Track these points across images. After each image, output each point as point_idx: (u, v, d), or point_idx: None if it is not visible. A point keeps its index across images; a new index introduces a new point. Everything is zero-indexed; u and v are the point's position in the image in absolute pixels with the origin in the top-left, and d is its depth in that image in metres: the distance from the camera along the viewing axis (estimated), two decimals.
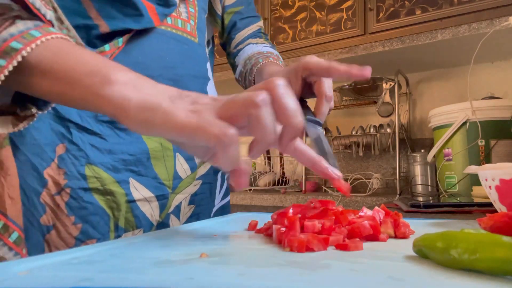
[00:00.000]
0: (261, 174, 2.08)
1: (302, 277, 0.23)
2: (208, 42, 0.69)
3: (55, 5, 0.41)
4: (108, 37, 0.49)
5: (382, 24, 1.73)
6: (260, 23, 0.81)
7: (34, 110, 0.40)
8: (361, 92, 2.04)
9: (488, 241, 0.23)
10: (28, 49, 0.33)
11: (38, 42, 0.34)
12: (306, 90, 0.50)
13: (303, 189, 1.97)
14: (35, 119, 0.41)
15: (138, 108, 0.31)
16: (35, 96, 0.38)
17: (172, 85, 0.52)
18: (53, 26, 0.40)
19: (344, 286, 0.21)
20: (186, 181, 0.59)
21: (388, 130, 1.83)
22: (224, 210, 0.70)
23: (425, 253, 0.28)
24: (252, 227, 0.45)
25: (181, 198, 0.59)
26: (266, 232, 0.40)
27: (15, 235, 0.44)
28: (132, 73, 0.34)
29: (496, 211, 0.55)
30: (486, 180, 0.52)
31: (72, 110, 0.47)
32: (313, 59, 0.49)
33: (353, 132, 1.93)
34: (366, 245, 0.34)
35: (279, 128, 0.33)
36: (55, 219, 0.46)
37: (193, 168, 0.60)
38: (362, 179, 1.90)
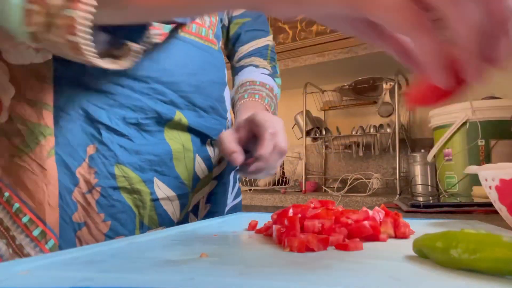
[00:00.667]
0: None
1: (302, 277, 0.23)
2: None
3: None
4: (127, 32, 0.48)
5: None
6: (269, 38, 0.79)
7: (130, 44, 0.42)
8: (361, 92, 2.03)
9: (488, 241, 0.23)
10: None
11: None
12: (253, 145, 0.54)
13: (303, 189, 1.97)
14: (132, 54, 0.43)
15: None
16: (135, 20, 0.38)
17: (194, 91, 0.54)
18: None
19: (344, 286, 0.21)
20: (204, 181, 0.61)
21: (388, 130, 1.83)
22: (236, 209, 0.72)
23: (425, 253, 0.28)
24: (252, 227, 0.45)
25: (199, 197, 0.61)
26: (266, 232, 0.40)
27: (51, 243, 0.45)
28: None
29: (496, 211, 0.55)
30: (486, 180, 0.52)
31: (102, 112, 0.49)
32: (258, 116, 0.52)
33: (353, 132, 1.93)
34: (366, 245, 0.34)
35: None
36: (86, 216, 0.48)
37: (210, 169, 0.62)
38: (362, 179, 1.90)
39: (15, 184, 0.46)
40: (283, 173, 2.16)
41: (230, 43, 0.77)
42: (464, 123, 1.43)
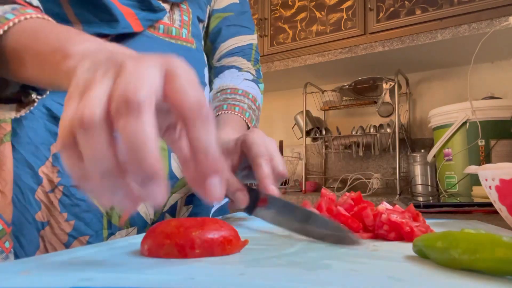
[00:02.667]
0: None
1: (302, 277, 0.23)
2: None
3: None
4: None
5: (382, 24, 1.73)
6: (253, 37, 0.73)
7: (34, 95, 0.41)
8: (361, 92, 2.04)
9: (488, 241, 0.23)
10: (1, 31, 0.34)
11: (11, 23, 0.34)
12: (247, 172, 0.50)
13: (303, 189, 1.97)
14: (35, 104, 0.42)
15: None
16: (21, 82, 0.38)
17: None
18: (40, 10, 0.40)
19: (344, 286, 0.21)
20: (183, 181, 0.59)
21: (388, 130, 1.83)
22: (222, 211, 0.70)
23: (425, 253, 0.28)
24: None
25: (177, 197, 0.59)
26: None
27: None
28: (93, 42, 0.31)
29: (496, 211, 0.54)
30: (486, 180, 0.52)
31: None
32: (250, 138, 0.48)
33: (353, 132, 1.93)
34: (366, 245, 0.34)
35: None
36: (49, 215, 0.47)
37: None
38: (362, 179, 1.90)
39: None
40: None
41: (209, 39, 0.71)
42: (464, 123, 1.43)
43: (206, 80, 0.63)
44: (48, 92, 0.43)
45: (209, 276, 0.23)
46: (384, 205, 0.42)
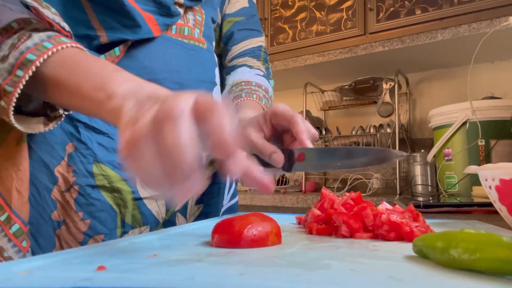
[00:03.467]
0: None
1: (302, 277, 0.23)
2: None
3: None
4: (106, 47, 0.51)
5: (382, 24, 1.73)
6: (262, 39, 0.78)
7: (61, 111, 0.44)
8: (361, 92, 2.04)
9: (488, 241, 0.23)
10: (41, 59, 0.37)
11: (49, 52, 0.37)
12: (275, 139, 0.52)
13: (303, 189, 1.97)
14: (62, 119, 0.44)
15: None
16: (57, 106, 0.41)
17: (178, 89, 0.52)
18: (70, 35, 0.43)
19: (344, 286, 0.21)
20: None
21: (388, 130, 1.83)
22: (232, 210, 0.71)
23: (425, 253, 0.28)
24: None
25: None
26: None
27: (15, 227, 0.46)
28: (132, 82, 0.35)
29: (496, 211, 0.55)
30: (486, 180, 0.52)
31: None
32: (280, 107, 0.50)
33: (353, 132, 1.93)
34: (367, 244, 0.34)
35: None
36: (65, 215, 0.48)
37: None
38: (362, 179, 1.90)
39: None
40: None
41: (222, 42, 0.76)
42: (464, 123, 1.43)
43: (217, 79, 0.65)
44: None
45: (209, 276, 0.23)
46: (384, 205, 0.42)
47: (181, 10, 0.58)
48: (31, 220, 0.47)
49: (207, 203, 0.63)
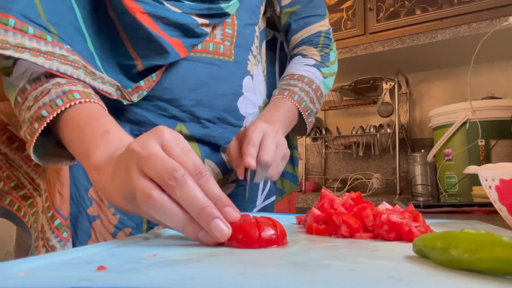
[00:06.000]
0: None
1: (302, 277, 0.23)
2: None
3: (85, 63, 0.51)
4: (144, 73, 0.58)
5: (382, 24, 1.73)
6: (323, 23, 0.77)
7: (64, 162, 0.51)
8: (361, 92, 2.04)
9: (488, 241, 0.23)
10: (51, 117, 0.44)
11: (59, 110, 0.44)
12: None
13: (303, 189, 1.97)
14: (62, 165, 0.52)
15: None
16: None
17: (195, 105, 0.60)
18: (85, 83, 0.50)
19: (344, 286, 0.21)
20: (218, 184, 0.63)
21: (388, 130, 1.83)
22: (267, 210, 0.73)
23: (425, 253, 0.28)
24: None
25: None
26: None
27: (57, 222, 0.54)
28: (108, 150, 0.41)
29: (496, 211, 0.55)
30: (486, 180, 0.52)
31: None
32: (250, 128, 0.57)
33: (353, 132, 1.93)
34: (367, 244, 0.34)
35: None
36: (99, 210, 0.56)
37: (226, 173, 0.66)
38: (362, 179, 1.90)
39: (47, 178, 0.57)
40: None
41: (283, 34, 0.78)
42: (464, 123, 1.43)
43: (244, 89, 0.66)
44: (75, 162, 0.54)
45: (209, 276, 0.23)
46: (384, 205, 0.42)
47: (208, 29, 0.60)
48: (72, 215, 0.55)
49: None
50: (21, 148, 0.61)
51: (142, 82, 0.56)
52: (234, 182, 0.68)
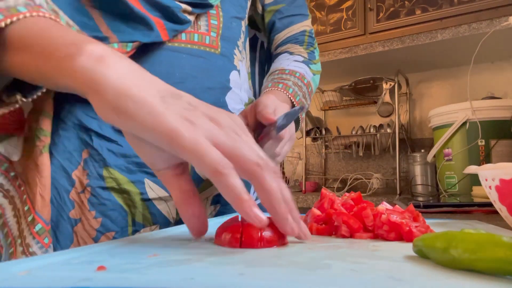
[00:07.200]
0: None
1: (302, 277, 0.23)
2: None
3: (55, 7, 0.45)
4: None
5: (382, 24, 1.73)
6: (306, 23, 0.77)
7: (18, 96, 0.42)
8: (361, 92, 2.04)
9: (488, 241, 0.23)
10: (8, 20, 0.34)
11: (21, 16, 0.35)
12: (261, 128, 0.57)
13: (303, 189, 1.97)
14: (17, 105, 0.43)
15: (116, 93, 0.29)
16: (11, 75, 0.40)
17: None
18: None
19: (344, 286, 0.21)
20: (208, 182, 0.60)
21: (388, 130, 1.83)
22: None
23: (425, 253, 0.28)
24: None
25: (201, 198, 0.60)
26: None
27: (38, 227, 0.50)
28: (114, 51, 0.32)
29: (496, 211, 0.55)
30: (486, 180, 0.52)
31: (94, 121, 0.53)
32: (261, 104, 0.54)
33: (353, 132, 1.93)
34: (367, 244, 0.34)
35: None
36: (81, 213, 0.53)
37: None
38: (362, 179, 1.90)
39: (26, 180, 0.53)
40: (283, 173, 2.16)
41: (267, 32, 0.76)
42: (464, 123, 1.43)
43: (231, 83, 0.64)
44: (35, 96, 0.44)
45: (209, 276, 0.23)
46: (384, 205, 0.42)
47: (191, 18, 0.58)
48: (52, 218, 0.52)
49: (225, 203, 0.63)
50: None
51: (115, 45, 0.51)
52: None
